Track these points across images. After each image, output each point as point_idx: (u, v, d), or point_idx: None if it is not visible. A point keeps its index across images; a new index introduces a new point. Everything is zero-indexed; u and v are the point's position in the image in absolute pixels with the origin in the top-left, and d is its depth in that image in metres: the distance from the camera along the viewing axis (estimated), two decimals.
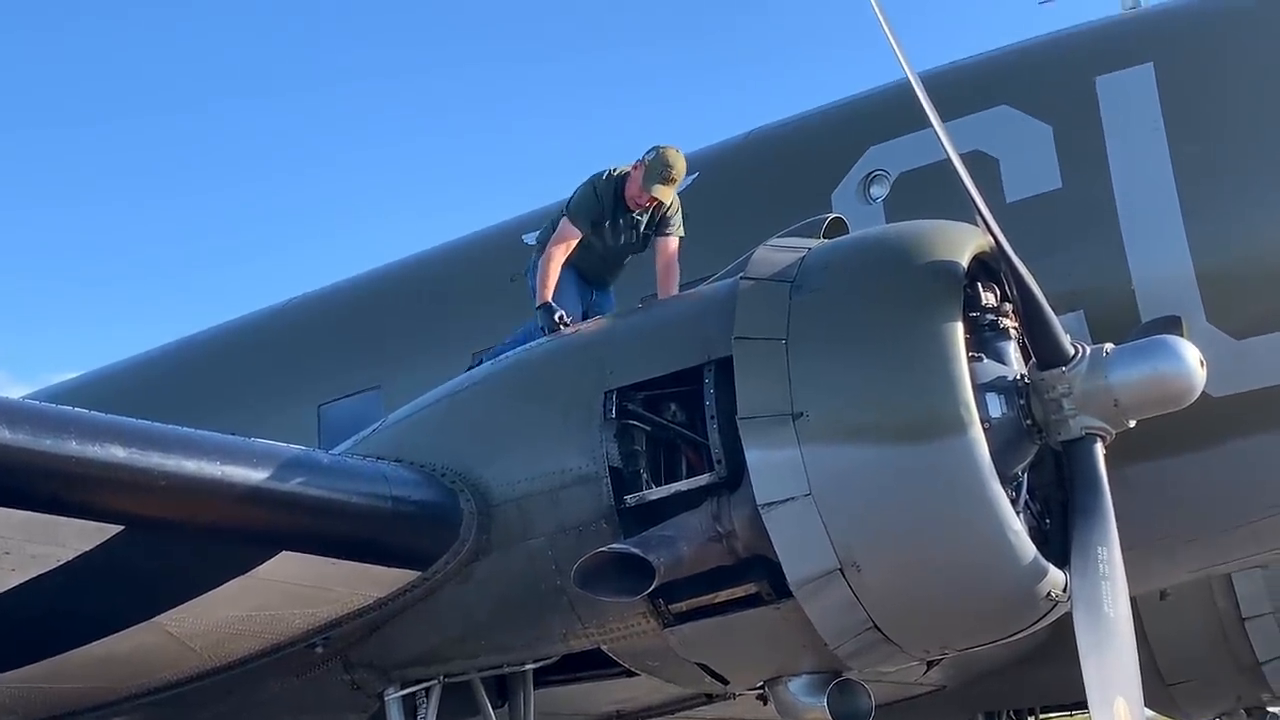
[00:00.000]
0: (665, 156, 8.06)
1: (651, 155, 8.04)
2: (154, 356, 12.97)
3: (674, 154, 8.10)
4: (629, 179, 8.15)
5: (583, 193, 8.20)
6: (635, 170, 8.10)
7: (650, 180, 8.00)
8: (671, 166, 8.04)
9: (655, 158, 8.03)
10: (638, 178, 8.07)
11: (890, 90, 9.03)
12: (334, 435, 8.98)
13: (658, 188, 8.01)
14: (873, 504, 5.84)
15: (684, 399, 6.43)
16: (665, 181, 8.03)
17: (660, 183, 8.01)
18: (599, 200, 8.15)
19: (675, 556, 5.96)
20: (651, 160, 8.03)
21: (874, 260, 6.36)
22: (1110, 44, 9.00)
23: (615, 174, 8.20)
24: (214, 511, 5.93)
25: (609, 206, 8.17)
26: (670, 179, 8.05)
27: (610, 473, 6.33)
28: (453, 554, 6.57)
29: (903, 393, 5.85)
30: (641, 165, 8.05)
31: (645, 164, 8.03)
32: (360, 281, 12.03)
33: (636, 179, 8.08)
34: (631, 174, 8.13)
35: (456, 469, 6.69)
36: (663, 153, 8.06)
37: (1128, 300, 8.10)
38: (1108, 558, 5.94)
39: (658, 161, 8.02)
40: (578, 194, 8.22)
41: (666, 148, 8.10)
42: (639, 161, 8.09)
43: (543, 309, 7.79)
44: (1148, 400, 6.19)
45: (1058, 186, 8.51)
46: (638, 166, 8.08)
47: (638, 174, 8.07)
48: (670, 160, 8.06)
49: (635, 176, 8.10)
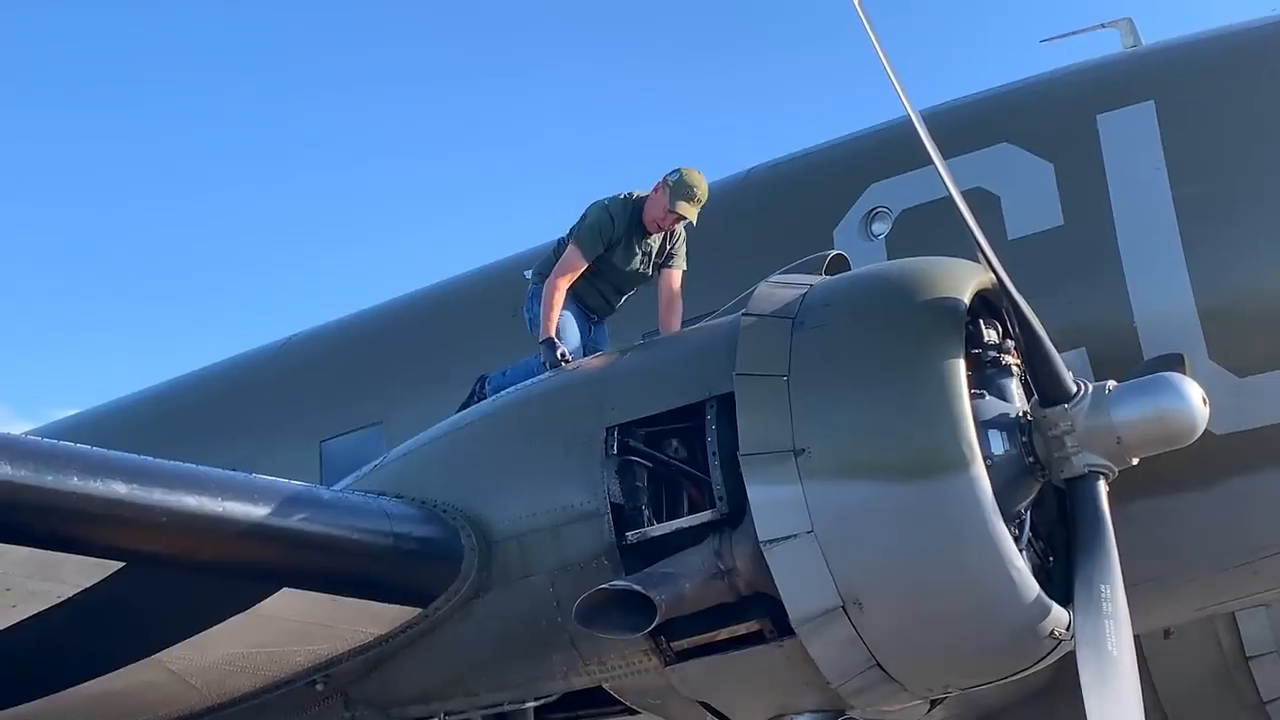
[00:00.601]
0: (690, 177, 8.05)
1: (675, 176, 8.02)
2: (155, 392, 12.97)
3: (698, 175, 8.10)
4: (649, 201, 8.12)
5: (594, 217, 8.13)
6: (656, 192, 8.07)
7: (676, 197, 7.98)
8: (696, 187, 8.04)
9: (680, 178, 8.01)
10: (660, 199, 8.04)
11: (892, 127, 9.07)
12: (336, 471, 8.98)
13: (683, 204, 7.99)
14: (875, 541, 5.84)
15: (686, 435, 6.44)
16: (691, 200, 8.03)
17: (686, 200, 8.01)
18: (613, 222, 8.09)
19: (677, 594, 5.97)
20: (676, 181, 8.01)
21: (876, 297, 6.38)
22: (1112, 82, 9.02)
23: (632, 197, 8.19)
24: (215, 548, 5.94)
25: (624, 229, 8.13)
26: (696, 198, 8.04)
27: (612, 509, 6.34)
28: (454, 591, 6.57)
29: (905, 430, 5.86)
30: (665, 186, 8.03)
31: (669, 184, 8.01)
32: (362, 317, 12.03)
33: (659, 200, 8.05)
34: (652, 196, 8.10)
35: (458, 505, 6.70)
36: (687, 173, 8.05)
37: (1130, 337, 8.10)
38: (1111, 596, 5.93)
39: (682, 182, 8.01)
40: (588, 219, 8.15)
41: (689, 169, 8.09)
42: (660, 184, 8.08)
43: (546, 344, 7.79)
44: (1150, 438, 6.20)
45: (1059, 223, 8.52)
46: (659, 189, 8.07)
47: (660, 195, 8.05)
48: (695, 181, 8.05)
49: (657, 198, 8.07)
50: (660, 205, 8.07)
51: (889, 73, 6.54)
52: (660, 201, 8.06)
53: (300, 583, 6.23)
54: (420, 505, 6.71)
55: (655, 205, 8.10)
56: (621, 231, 8.15)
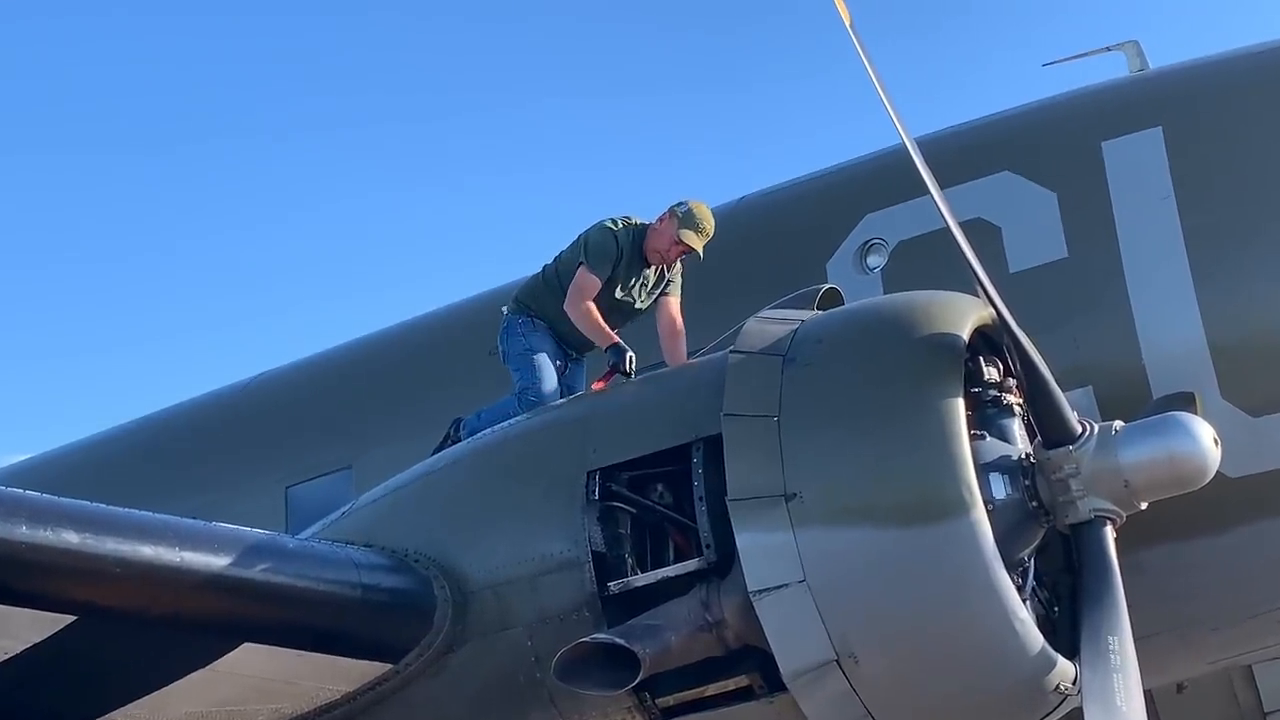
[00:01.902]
0: (700, 210, 8.09)
1: (684, 208, 8.05)
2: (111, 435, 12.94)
3: (707, 209, 8.14)
4: (654, 231, 8.13)
5: (599, 238, 8.11)
6: (661, 223, 8.09)
7: (685, 228, 8.00)
8: (705, 220, 8.07)
9: (688, 210, 8.04)
10: (666, 229, 8.06)
11: (888, 155, 9.09)
12: (302, 518, 8.96)
13: (690, 235, 8.00)
14: (871, 591, 5.84)
15: (671, 479, 6.44)
16: (699, 232, 8.06)
17: (695, 231, 8.04)
18: (619, 246, 8.10)
19: (662, 647, 5.96)
20: (685, 212, 8.03)
21: (871, 333, 6.40)
22: (1117, 107, 9.09)
23: (632, 223, 8.21)
24: (173, 601, 5.91)
25: (627, 256, 8.14)
26: (704, 231, 8.07)
27: (593, 558, 6.33)
28: (426, 645, 6.55)
29: (901, 473, 5.87)
30: (671, 217, 8.05)
31: (678, 215, 8.03)
32: (330, 356, 12.03)
33: (665, 231, 8.06)
34: (657, 226, 8.11)
35: (430, 554, 6.68)
36: (695, 206, 8.09)
37: (1138, 375, 8.14)
38: (1120, 648, 5.94)
39: (691, 214, 8.03)
40: (591, 240, 8.13)
41: (697, 202, 8.13)
42: (664, 215, 8.10)
43: (613, 349, 7.72)
44: (1160, 481, 6.21)
45: (1063, 256, 8.56)
46: (664, 219, 8.09)
47: (665, 226, 8.06)
48: (704, 214, 8.09)
49: (662, 229, 8.08)
50: (666, 236, 8.08)
51: (883, 98, 6.58)
52: (667, 232, 8.08)
53: (263, 637, 6.21)
54: (391, 554, 6.70)
55: (660, 236, 8.11)
56: (626, 259, 8.15)
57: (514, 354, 8.28)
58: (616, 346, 7.74)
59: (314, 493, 10.54)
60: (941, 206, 6.41)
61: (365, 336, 12.02)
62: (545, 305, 8.27)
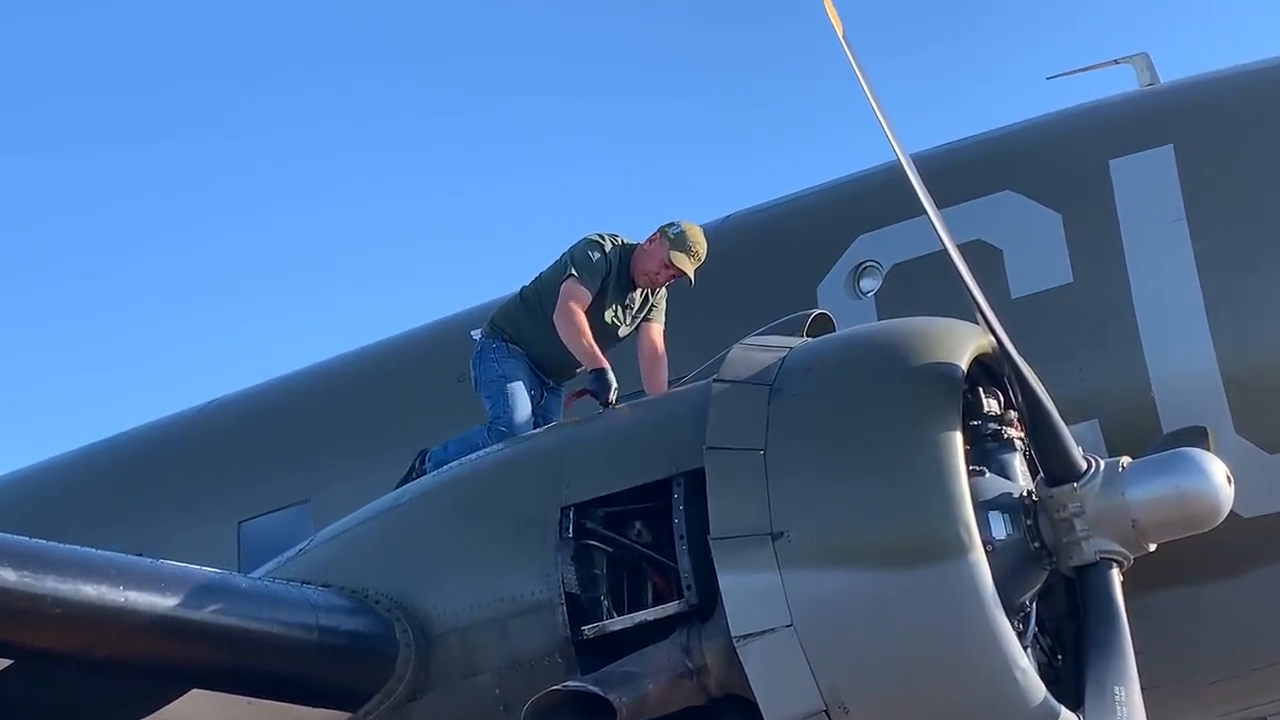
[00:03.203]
0: (693, 233, 8.12)
1: (676, 230, 8.07)
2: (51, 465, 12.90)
3: (700, 231, 8.17)
4: (643, 252, 8.16)
5: (589, 252, 8.12)
6: (651, 244, 8.11)
7: (677, 251, 8.02)
8: (698, 244, 8.10)
9: (681, 232, 8.07)
10: (656, 251, 8.08)
11: (883, 172, 9.12)
12: (256, 556, 8.93)
13: (682, 258, 8.03)
14: (862, 637, 5.84)
15: (650, 516, 6.43)
16: (691, 256, 8.08)
17: (687, 255, 8.06)
18: (608, 262, 8.11)
19: (639, 695, 5.95)
20: (677, 234, 8.05)
21: (863, 362, 6.41)
22: (1126, 124, 9.13)
23: (621, 242, 8.23)
24: (116, 644, 5.89)
25: (615, 275, 8.15)
26: (696, 255, 8.09)
27: (566, 600, 6.32)
28: (387, 693, 6.53)
29: (895, 511, 5.88)
30: (662, 238, 8.07)
31: (670, 237, 8.05)
32: (287, 382, 12.01)
33: (655, 252, 8.08)
34: (647, 247, 8.13)
35: (393, 595, 6.66)
36: (689, 228, 8.12)
37: (1147, 408, 8.16)
38: (1126, 699, 5.95)
39: (684, 237, 8.06)
40: (579, 254, 8.13)
41: (690, 224, 8.17)
42: (655, 235, 8.11)
43: (598, 374, 7.72)
44: (1169, 521, 6.22)
45: (1068, 281, 8.59)
46: (654, 240, 8.10)
47: (655, 247, 8.08)
48: (697, 238, 8.12)
49: (651, 250, 8.10)
50: (656, 259, 8.10)
51: (877, 112, 6.61)
52: (657, 254, 8.10)
53: (213, 683, 6.19)
54: (350, 595, 6.68)
55: (650, 258, 8.13)
56: (609, 278, 8.16)
57: (486, 381, 8.26)
58: (602, 372, 7.73)
59: (269, 528, 10.51)
60: (939, 227, 6.43)
61: (326, 361, 12.00)
62: (522, 330, 8.26)
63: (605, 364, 7.80)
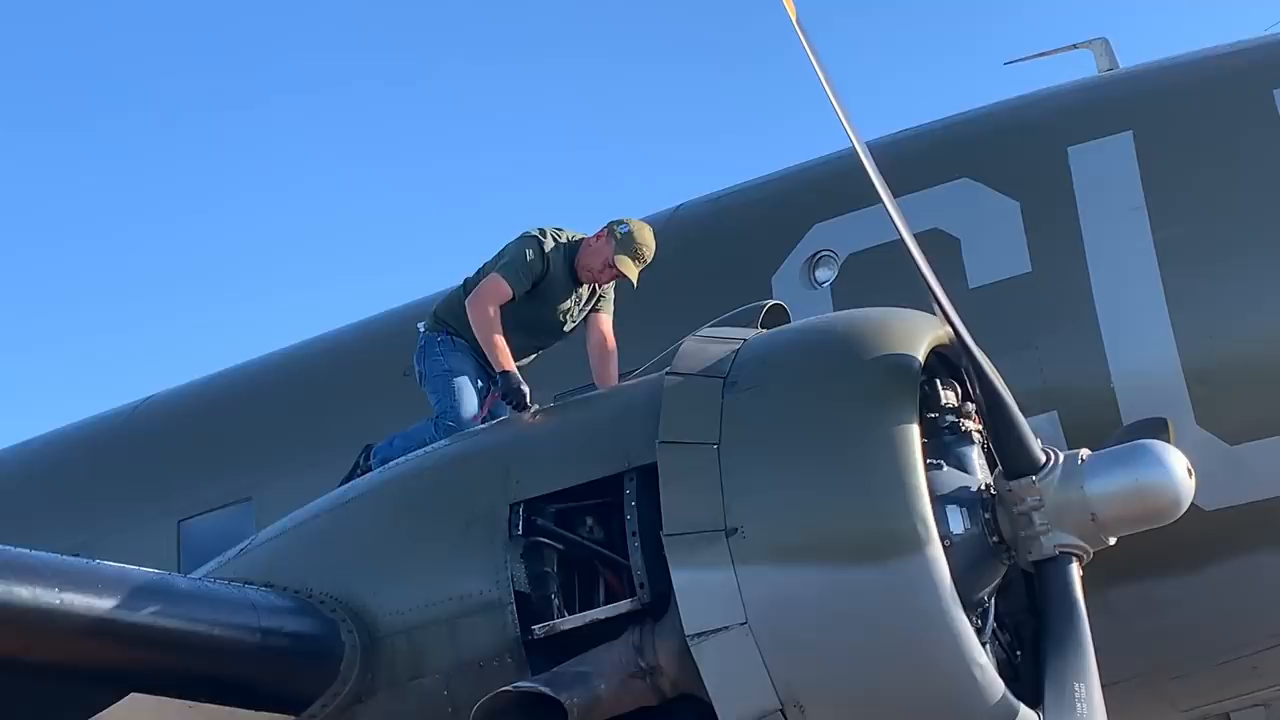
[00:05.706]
0: (642, 234, 8.12)
1: (624, 229, 8.07)
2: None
3: (650, 232, 8.17)
4: (588, 248, 8.17)
5: (521, 249, 8.13)
6: (598, 240, 8.11)
7: (622, 252, 8.02)
8: (645, 246, 8.11)
9: (629, 232, 8.07)
10: (602, 249, 8.08)
11: (839, 159, 9.16)
12: (196, 555, 8.91)
13: (627, 261, 8.03)
14: (818, 634, 5.85)
15: (601, 513, 6.44)
16: (637, 259, 8.08)
17: (632, 258, 8.06)
18: (545, 262, 8.10)
19: (591, 696, 5.95)
20: (624, 234, 8.05)
21: (818, 353, 6.42)
22: (1085, 110, 9.19)
23: (562, 236, 8.22)
24: (51, 647, 5.86)
25: (554, 271, 8.14)
26: (643, 258, 8.11)
27: (516, 598, 6.31)
28: (331, 695, 6.50)
29: (851, 506, 5.89)
30: (609, 236, 8.06)
31: (616, 236, 8.05)
32: (228, 376, 11.97)
33: (601, 250, 8.09)
34: (592, 244, 8.14)
35: (338, 595, 6.65)
36: (638, 229, 8.12)
37: (1107, 400, 8.21)
38: (1086, 695, 5.98)
39: (631, 237, 8.06)
40: (513, 252, 8.13)
41: (641, 224, 8.17)
42: (602, 231, 8.11)
43: (504, 376, 7.73)
44: (1129, 514, 6.25)
45: (1026, 270, 8.64)
46: (601, 236, 8.10)
47: (602, 245, 8.09)
48: (646, 239, 8.12)
49: (598, 247, 8.11)
50: (601, 257, 8.11)
51: (831, 98, 6.62)
52: (602, 253, 8.11)
53: (151, 686, 6.15)
54: (294, 595, 6.66)
55: (595, 255, 8.14)
56: (550, 275, 8.16)
57: (431, 375, 8.26)
58: (508, 376, 7.74)
59: (209, 527, 10.49)
60: (895, 216, 6.45)
61: (268, 355, 11.97)
62: (466, 321, 8.25)
63: (513, 369, 7.80)
